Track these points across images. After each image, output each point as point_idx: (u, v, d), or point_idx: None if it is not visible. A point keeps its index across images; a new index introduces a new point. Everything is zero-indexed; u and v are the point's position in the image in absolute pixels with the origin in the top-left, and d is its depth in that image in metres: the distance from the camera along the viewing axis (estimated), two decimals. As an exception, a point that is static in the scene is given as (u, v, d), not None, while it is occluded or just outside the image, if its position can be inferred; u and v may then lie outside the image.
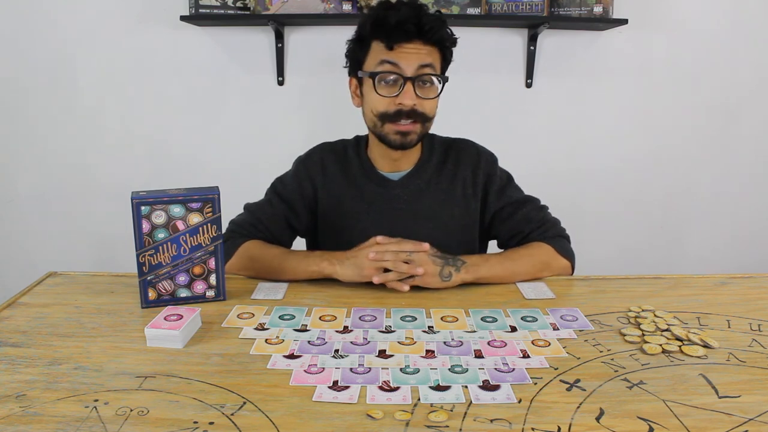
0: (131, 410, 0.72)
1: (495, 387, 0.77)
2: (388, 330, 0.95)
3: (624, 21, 2.04)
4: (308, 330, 0.95)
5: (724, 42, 2.21)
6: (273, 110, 2.24)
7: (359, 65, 1.22)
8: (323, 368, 0.83)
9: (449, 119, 1.46)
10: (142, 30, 2.16)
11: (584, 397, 0.75)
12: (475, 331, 0.95)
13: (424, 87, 1.18)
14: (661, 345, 0.89)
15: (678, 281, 1.18)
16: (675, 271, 2.04)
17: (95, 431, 0.67)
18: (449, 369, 0.82)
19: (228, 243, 1.20)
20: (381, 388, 0.77)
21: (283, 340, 0.91)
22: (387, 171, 1.29)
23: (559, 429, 0.68)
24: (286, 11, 2.04)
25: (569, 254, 1.25)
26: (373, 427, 0.69)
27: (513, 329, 0.96)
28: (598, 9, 2.04)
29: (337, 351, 0.88)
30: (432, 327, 0.96)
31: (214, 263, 1.07)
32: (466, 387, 0.77)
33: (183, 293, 1.07)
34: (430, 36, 1.15)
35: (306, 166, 1.32)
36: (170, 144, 2.27)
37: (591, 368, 0.83)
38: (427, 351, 0.88)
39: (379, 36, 1.17)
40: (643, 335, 0.93)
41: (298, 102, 2.23)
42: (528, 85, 2.23)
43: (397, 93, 1.16)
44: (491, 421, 0.70)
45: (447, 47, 1.21)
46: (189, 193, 1.03)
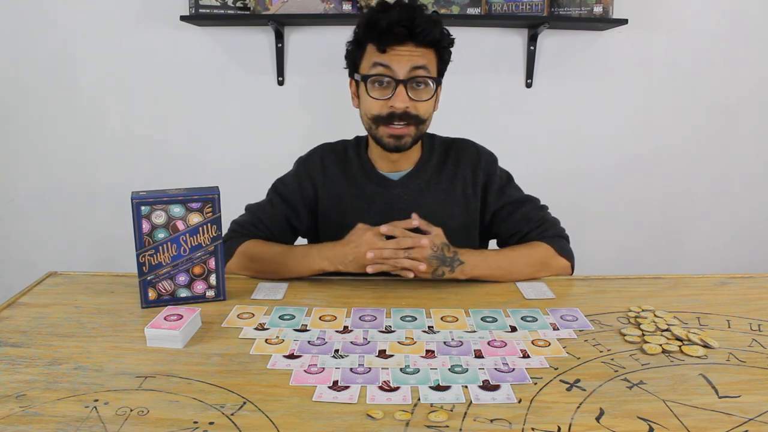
0: (131, 410, 0.72)
1: (495, 387, 0.77)
2: (388, 330, 0.95)
3: (624, 21, 2.04)
4: (308, 330, 0.95)
5: (724, 42, 2.20)
6: (273, 110, 2.24)
7: (356, 67, 1.22)
8: (323, 368, 0.83)
9: (449, 119, 1.46)
10: (142, 30, 2.16)
11: (584, 397, 0.75)
12: (475, 331, 0.95)
13: (418, 89, 1.18)
14: (661, 345, 0.89)
15: (678, 281, 1.18)
16: (675, 271, 2.04)
17: (95, 431, 0.67)
18: (449, 369, 0.82)
19: (228, 243, 1.20)
20: (381, 388, 0.77)
21: (283, 340, 0.91)
22: (387, 171, 1.29)
23: (559, 429, 0.68)
24: (286, 11, 2.03)
25: (569, 254, 1.25)
26: (373, 427, 0.69)
27: (513, 329, 0.96)
28: (598, 9, 2.04)
29: (337, 351, 0.88)
30: (432, 327, 0.96)
31: (214, 263, 1.07)
32: (466, 387, 0.77)
33: (183, 293, 1.07)
34: (423, 38, 1.15)
35: (306, 167, 1.32)
36: (170, 144, 2.26)
37: (591, 368, 0.83)
38: (427, 351, 0.88)
39: (372, 39, 1.17)
40: (643, 335, 0.93)
41: (298, 102, 2.23)
42: (528, 85, 2.23)
43: (390, 96, 1.16)
44: (491, 421, 0.70)
45: (442, 48, 1.20)
46: (189, 193, 1.03)
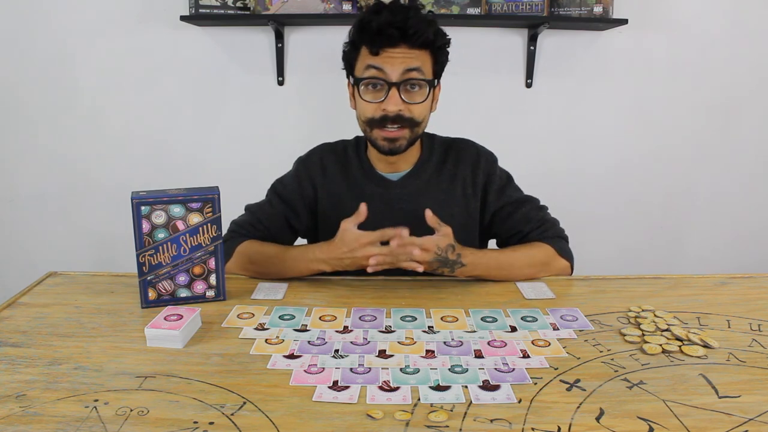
0: (131, 410, 0.72)
1: (495, 387, 0.77)
2: (388, 330, 0.95)
3: (624, 21, 2.04)
4: (308, 330, 0.95)
5: (724, 42, 2.20)
6: (273, 110, 2.24)
7: (352, 69, 1.22)
8: (323, 368, 0.83)
9: (449, 119, 1.46)
10: (142, 30, 2.16)
11: (584, 397, 0.75)
12: (475, 331, 0.95)
13: (411, 91, 1.16)
14: (661, 345, 0.89)
15: (678, 281, 1.18)
16: (675, 271, 2.04)
17: (95, 431, 0.67)
18: (449, 369, 0.82)
19: (227, 243, 1.20)
20: (381, 388, 0.77)
21: (283, 340, 0.91)
22: (386, 172, 1.29)
23: (559, 429, 0.68)
24: (286, 11, 2.03)
25: (568, 255, 1.25)
26: (373, 427, 0.69)
27: (513, 329, 0.96)
28: (598, 9, 2.04)
29: (337, 351, 0.88)
30: (432, 327, 0.96)
31: (214, 263, 1.07)
32: (466, 387, 0.77)
33: (183, 293, 1.07)
34: (416, 39, 1.13)
35: (306, 167, 1.32)
36: (170, 144, 2.26)
37: (591, 368, 0.83)
38: (427, 351, 0.88)
39: (365, 41, 1.16)
40: (643, 335, 0.93)
41: (298, 102, 2.23)
42: (528, 85, 2.23)
43: (383, 98, 1.15)
44: (491, 421, 0.70)
45: (437, 49, 1.18)
46: (189, 193, 1.03)
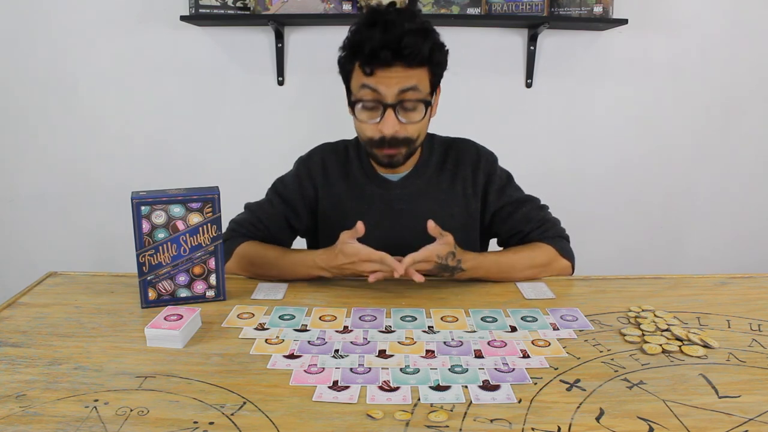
0: (131, 410, 0.72)
1: (495, 387, 0.77)
2: (388, 330, 0.95)
3: (624, 21, 2.04)
4: (308, 330, 0.95)
5: (724, 42, 2.20)
6: (273, 110, 2.24)
7: (347, 80, 1.19)
8: (323, 368, 0.83)
9: (449, 119, 1.46)
10: (142, 30, 2.16)
11: (584, 397, 0.75)
12: (475, 331, 0.95)
13: (408, 112, 1.13)
14: (661, 345, 0.89)
15: (678, 281, 1.18)
16: (675, 271, 2.04)
17: (95, 431, 0.67)
18: (449, 369, 0.82)
19: (227, 242, 1.20)
20: (381, 388, 0.77)
21: (283, 340, 0.91)
22: (387, 172, 1.29)
23: (559, 429, 0.68)
24: (286, 11, 2.03)
25: (569, 255, 1.25)
26: (373, 427, 0.69)
27: (513, 329, 0.96)
28: (598, 9, 2.04)
29: (337, 351, 0.88)
30: (432, 327, 0.96)
31: (214, 263, 1.07)
32: (466, 387, 0.77)
33: (183, 293, 1.07)
34: (412, 60, 1.08)
35: (307, 167, 1.32)
36: (170, 144, 2.26)
37: (591, 368, 0.83)
38: (427, 351, 0.88)
39: (358, 60, 1.12)
40: (643, 335, 0.93)
41: (298, 102, 2.23)
42: (528, 85, 2.23)
43: (378, 119, 1.13)
44: (491, 421, 0.70)
45: (434, 65, 1.13)
46: (189, 193, 1.03)
